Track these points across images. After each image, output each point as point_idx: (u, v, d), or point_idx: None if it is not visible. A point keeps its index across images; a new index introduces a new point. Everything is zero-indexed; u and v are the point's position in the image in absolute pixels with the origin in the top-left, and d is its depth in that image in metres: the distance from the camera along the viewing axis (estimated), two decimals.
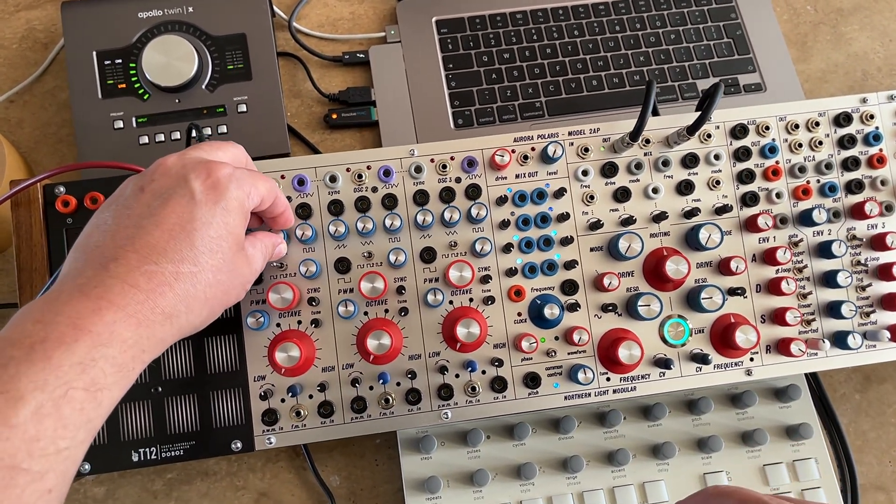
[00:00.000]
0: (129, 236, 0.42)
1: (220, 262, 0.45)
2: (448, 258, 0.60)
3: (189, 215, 0.44)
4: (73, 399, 0.36)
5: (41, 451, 0.34)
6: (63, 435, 0.35)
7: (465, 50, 0.84)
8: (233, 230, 0.46)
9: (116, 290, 0.40)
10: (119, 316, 0.39)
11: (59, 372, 0.36)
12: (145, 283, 0.41)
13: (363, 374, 0.59)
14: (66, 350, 0.36)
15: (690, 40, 0.85)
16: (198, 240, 0.44)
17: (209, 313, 0.46)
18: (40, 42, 0.83)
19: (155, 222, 0.43)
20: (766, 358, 0.61)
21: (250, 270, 0.50)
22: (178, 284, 0.43)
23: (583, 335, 0.59)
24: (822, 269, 0.62)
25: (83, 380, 0.36)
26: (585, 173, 0.61)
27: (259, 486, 0.68)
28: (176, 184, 0.45)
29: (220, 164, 0.47)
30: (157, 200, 0.44)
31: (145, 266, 0.41)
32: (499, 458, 0.65)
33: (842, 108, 0.64)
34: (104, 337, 0.38)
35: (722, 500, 0.43)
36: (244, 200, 0.47)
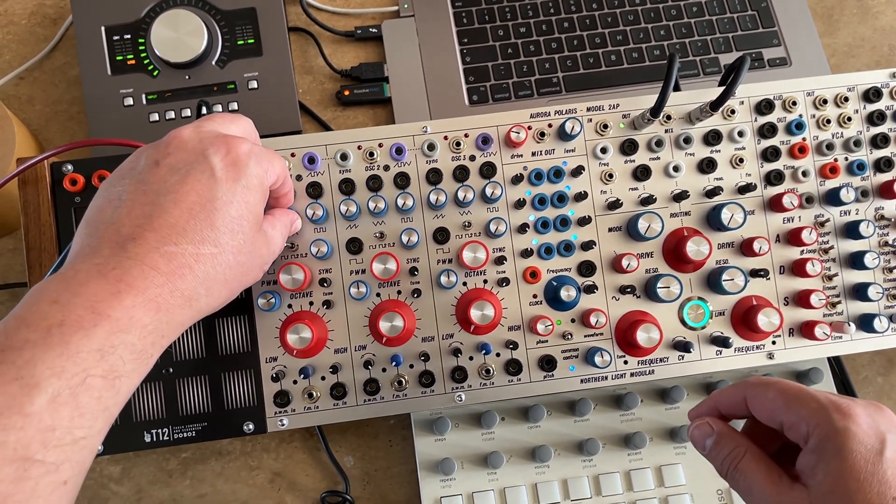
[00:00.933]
0: (147, 214, 0.41)
1: (241, 242, 0.44)
2: (462, 239, 0.59)
3: (210, 193, 0.42)
4: (90, 387, 0.35)
5: (57, 441, 0.33)
6: (80, 424, 0.34)
7: (480, 24, 0.82)
8: (253, 209, 0.45)
9: (136, 273, 0.38)
10: (139, 300, 0.38)
11: (78, 358, 0.34)
12: (165, 265, 0.40)
13: (376, 356, 0.58)
14: (84, 335, 0.35)
15: (713, 13, 0.82)
16: (218, 219, 0.42)
17: (228, 295, 0.45)
18: (49, 18, 0.82)
19: (174, 200, 0.41)
20: (788, 341, 0.60)
21: (269, 251, 0.49)
22: (199, 266, 0.41)
23: (600, 318, 0.57)
24: (849, 249, 0.60)
25: (102, 367, 0.35)
26: (604, 151, 0.60)
27: (273, 466, 0.67)
28: (195, 159, 0.43)
29: (239, 140, 0.45)
30: (174, 176, 0.42)
31: (165, 247, 0.40)
32: (513, 440, 0.65)
33: (871, 83, 0.61)
34: (123, 322, 0.37)
35: (764, 389, 0.44)
36: (263, 178, 0.46)
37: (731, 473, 0.44)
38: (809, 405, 0.41)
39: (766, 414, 0.43)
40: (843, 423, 0.39)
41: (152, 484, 0.66)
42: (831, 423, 0.39)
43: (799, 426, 0.41)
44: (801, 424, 0.41)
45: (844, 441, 0.38)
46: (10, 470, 0.31)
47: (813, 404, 0.41)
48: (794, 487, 0.41)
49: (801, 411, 0.41)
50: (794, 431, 0.41)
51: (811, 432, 0.40)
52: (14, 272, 0.72)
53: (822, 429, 0.39)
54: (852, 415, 0.39)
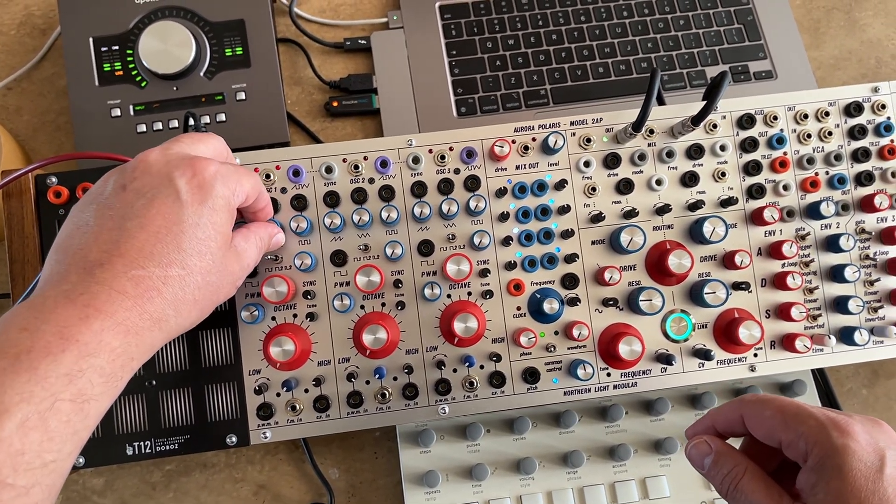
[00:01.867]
0: (114, 239, 0.41)
1: (210, 263, 0.44)
2: (446, 251, 0.59)
3: (175, 217, 0.42)
4: (59, 411, 0.35)
5: (27, 465, 0.33)
6: (49, 448, 0.34)
7: (468, 36, 0.82)
8: (220, 229, 0.45)
9: (103, 297, 0.38)
10: (107, 324, 0.38)
11: (46, 384, 0.34)
12: (132, 288, 0.40)
13: (359, 368, 0.58)
14: (52, 361, 0.35)
15: (700, 26, 0.83)
16: (185, 242, 0.42)
17: (199, 314, 0.45)
18: (38, 28, 0.82)
19: (140, 224, 0.42)
20: (770, 354, 0.60)
21: (241, 266, 0.49)
22: (167, 289, 0.41)
23: (583, 330, 0.57)
24: (830, 263, 0.61)
25: (70, 391, 0.35)
26: (587, 164, 0.60)
27: (258, 479, 0.67)
28: (160, 182, 0.43)
29: (205, 161, 0.45)
30: (140, 200, 0.43)
31: (132, 271, 0.40)
32: (498, 452, 0.65)
33: (852, 98, 0.62)
34: (92, 346, 0.37)
35: (760, 407, 0.43)
36: (230, 198, 0.46)
37: (731, 493, 0.43)
38: (807, 423, 0.40)
39: (764, 432, 0.43)
40: (841, 441, 0.39)
41: (136, 496, 0.66)
42: (830, 441, 0.39)
43: (797, 444, 0.40)
44: (799, 442, 0.40)
45: (844, 459, 0.38)
46: None
47: (811, 422, 0.40)
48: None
49: (799, 429, 0.40)
50: (793, 450, 0.41)
51: (810, 450, 0.40)
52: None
53: (821, 447, 0.39)
54: (851, 432, 0.39)
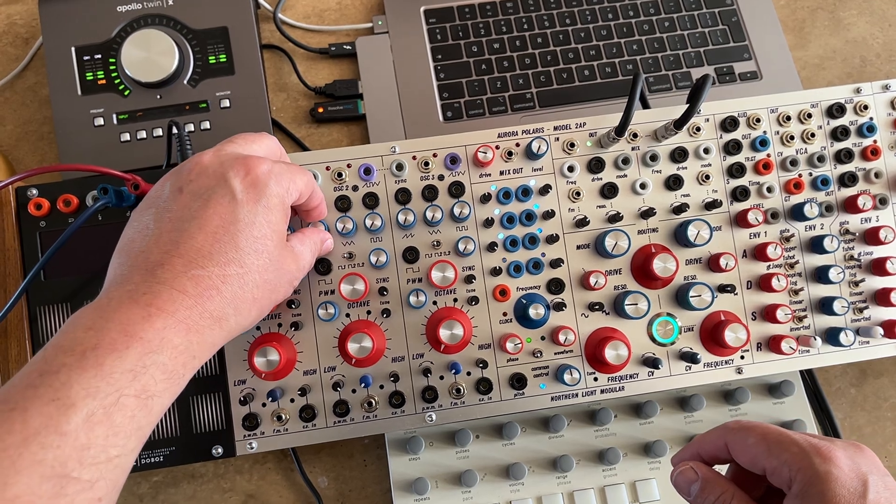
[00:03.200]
0: (173, 240, 0.42)
1: (266, 261, 0.45)
2: (431, 258, 0.59)
3: (231, 216, 0.43)
4: (124, 406, 0.36)
5: (92, 459, 0.34)
6: (114, 443, 0.35)
7: (454, 40, 0.82)
8: (275, 227, 0.46)
9: (165, 296, 0.40)
10: (169, 322, 0.39)
11: (111, 379, 0.36)
12: (193, 287, 0.41)
13: (345, 377, 0.58)
14: (117, 357, 0.36)
15: (685, 28, 0.83)
16: (242, 241, 0.43)
17: (258, 313, 0.46)
18: (21, 37, 0.82)
19: (198, 225, 0.43)
20: (756, 356, 0.60)
21: (297, 267, 0.50)
22: (226, 287, 0.42)
23: (569, 335, 0.57)
24: (814, 264, 0.61)
25: (134, 387, 0.36)
26: (571, 169, 0.60)
27: (246, 488, 0.67)
28: (216, 183, 0.44)
29: (258, 160, 0.46)
30: (197, 202, 0.44)
31: (192, 271, 0.41)
32: (488, 458, 0.65)
33: (835, 99, 0.62)
34: (155, 343, 0.38)
35: (744, 434, 0.44)
36: (284, 196, 0.47)
37: None
38: (790, 450, 0.41)
39: (748, 460, 0.43)
40: (824, 468, 0.39)
41: None
42: (813, 468, 0.39)
43: (781, 471, 0.41)
44: (783, 469, 0.41)
45: (827, 485, 0.38)
46: (48, 486, 0.32)
47: (794, 448, 0.41)
48: None
49: (782, 456, 0.41)
50: (777, 477, 0.41)
51: (794, 477, 0.40)
52: None
53: (804, 473, 0.39)
54: (833, 458, 0.39)
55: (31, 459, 0.32)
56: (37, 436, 0.33)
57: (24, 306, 0.56)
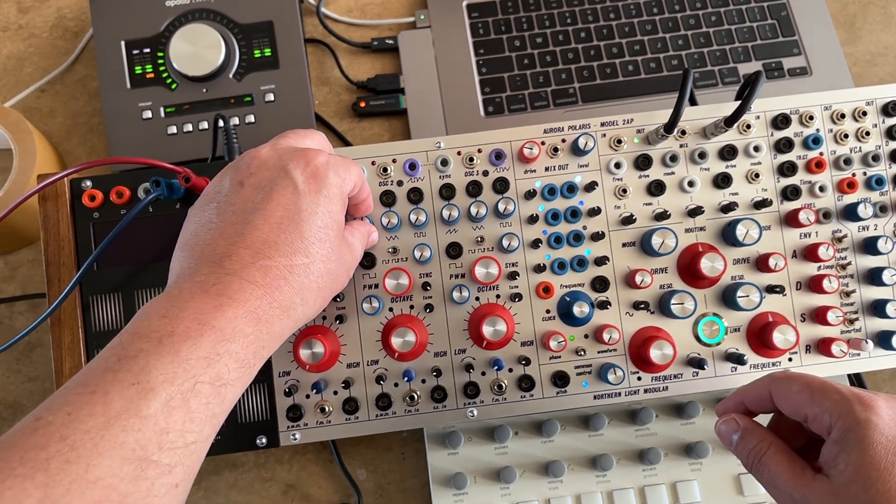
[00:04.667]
0: (239, 233, 0.43)
1: (329, 250, 0.45)
2: (474, 254, 0.59)
3: (295, 206, 0.44)
4: (199, 393, 0.36)
5: (171, 443, 0.34)
6: (191, 428, 0.36)
7: (496, 35, 0.82)
8: (336, 217, 0.46)
9: (235, 287, 0.40)
10: (240, 312, 0.40)
11: (187, 365, 0.36)
12: (261, 278, 0.41)
13: (388, 370, 0.58)
14: (192, 344, 0.37)
15: (732, 22, 0.81)
16: (306, 230, 0.44)
17: (322, 303, 0.47)
18: (71, 30, 0.83)
19: (263, 216, 0.43)
20: (805, 358, 0.59)
21: (352, 257, 0.50)
22: (293, 277, 0.43)
23: (613, 334, 0.57)
24: (867, 266, 0.59)
25: (209, 374, 0.37)
26: (618, 166, 0.59)
27: (286, 478, 0.68)
28: (277, 175, 0.45)
29: (316, 152, 0.47)
30: (259, 194, 0.44)
31: (260, 261, 0.42)
32: (527, 454, 0.65)
33: (891, 97, 0.60)
34: (227, 332, 0.38)
35: (788, 383, 0.45)
36: (342, 186, 0.47)
37: (755, 466, 0.45)
38: (832, 397, 0.42)
39: (791, 407, 0.44)
40: (864, 415, 0.40)
41: None
42: (853, 414, 0.40)
43: (822, 418, 0.42)
44: (824, 416, 0.42)
45: (866, 432, 0.39)
46: (130, 469, 0.33)
47: (836, 396, 0.42)
48: (817, 478, 0.42)
49: (824, 403, 0.42)
50: (818, 423, 0.42)
51: (834, 424, 0.41)
52: (34, 283, 0.74)
53: (844, 420, 0.40)
54: (874, 406, 0.40)
55: (112, 442, 0.32)
56: (118, 418, 0.33)
57: (78, 295, 0.57)
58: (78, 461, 0.31)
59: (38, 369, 0.71)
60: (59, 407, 0.33)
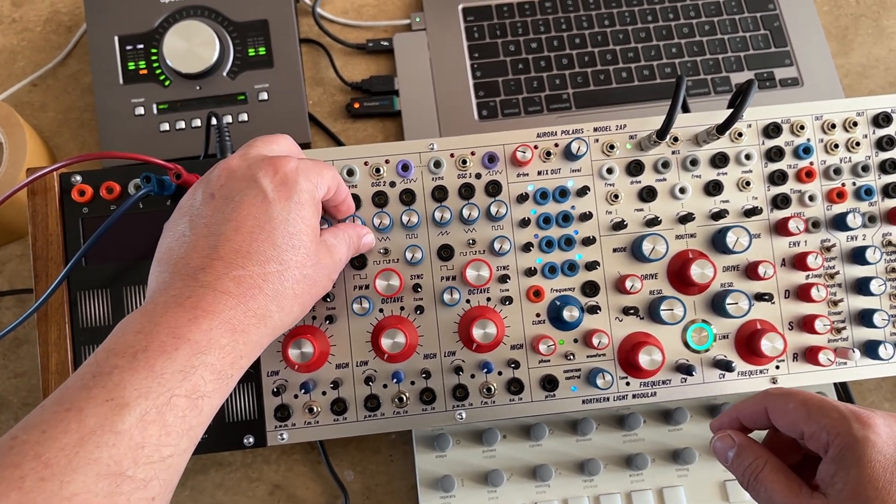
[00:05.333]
0: (211, 245, 0.43)
1: (304, 256, 0.45)
2: (466, 256, 0.59)
3: (265, 215, 0.44)
4: (175, 406, 0.36)
5: (146, 458, 0.35)
6: (167, 442, 0.36)
7: (491, 39, 0.82)
8: (308, 223, 0.46)
9: (209, 299, 0.40)
10: (215, 323, 0.40)
11: (162, 379, 0.36)
12: (235, 288, 0.41)
13: (377, 372, 0.58)
14: (167, 358, 0.37)
15: (725, 32, 0.82)
16: (278, 238, 0.44)
17: (300, 309, 0.47)
18: (64, 25, 0.83)
19: (234, 227, 0.43)
20: (792, 366, 0.59)
21: (333, 260, 0.50)
22: (267, 285, 0.43)
23: (603, 338, 0.57)
24: (855, 275, 0.60)
25: (185, 387, 0.37)
26: (610, 171, 0.59)
27: (273, 479, 0.68)
28: (246, 185, 0.45)
29: (286, 158, 0.47)
30: (229, 204, 0.44)
31: (233, 272, 0.42)
32: (514, 458, 0.65)
33: (881, 108, 0.61)
34: (202, 344, 0.39)
35: (784, 399, 0.45)
36: (314, 191, 0.47)
37: (751, 484, 0.45)
38: (830, 415, 0.41)
39: (787, 424, 0.44)
40: (862, 433, 0.40)
41: None
42: (851, 433, 0.40)
43: (819, 436, 0.41)
44: (821, 434, 0.41)
45: (864, 450, 0.39)
46: (104, 485, 0.33)
47: (834, 414, 0.41)
48: (814, 497, 0.41)
49: (821, 421, 0.41)
50: (815, 441, 0.42)
51: (831, 441, 0.41)
52: (21, 278, 0.73)
53: (842, 438, 0.40)
54: (872, 424, 0.40)
55: (87, 458, 0.33)
56: (92, 435, 0.33)
57: (65, 291, 0.57)
58: (52, 478, 0.32)
59: (25, 365, 0.71)
60: (34, 426, 0.34)
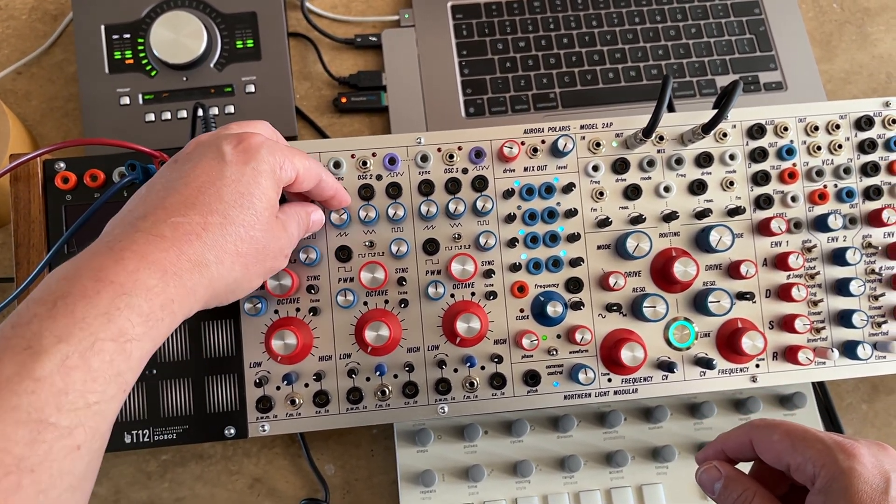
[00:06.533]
0: (160, 197, 0.43)
1: (252, 218, 0.45)
2: (451, 251, 0.59)
3: (218, 173, 0.45)
4: (101, 351, 0.35)
5: (70, 404, 0.34)
6: (92, 388, 0.35)
7: (479, 37, 0.82)
8: (265, 192, 0.46)
9: (140, 241, 0.40)
10: (142, 265, 0.39)
11: (83, 324, 0.35)
12: (171, 232, 0.41)
13: (360, 364, 0.58)
14: (88, 303, 0.36)
15: (711, 35, 0.83)
16: (226, 194, 0.44)
17: (242, 270, 0.46)
18: (50, 14, 0.82)
19: (185, 182, 0.44)
20: (772, 365, 0.60)
21: (286, 235, 0.50)
22: (206, 234, 0.43)
23: (585, 334, 0.57)
24: (835, 276, 0.61)
25: (110, 330, 0.36)
26: (596, 169, 0.60)
27: (253, 472, 0.67)
28: (207, 149, 0.46)
29: (254, 134, 0.47)
30: (188, 164, 0.45)
31: (172, 218, 0.42)
32: (495, 454, 0.65)
33: (863, 111, 0.62)
34: (127, 286, 0.38)
35: (769, 431, 0.44)
36: (276, 168, 0.47)
37: None
38: (815, 446, 0.41)
39: (773, 456, 0.43)
40: (848, 464, 0.39)
41: (131, 485, 0.66)
42: (837, 464, 0.40)
43: (805, 467, 0.41)
44: (807, 465, 0.41)
45: (850, 480, 0.39)
46: (25, 432, 0.32)
47: (818, 445, 0.41)
48: None
49: (806, 452, 0.41)
50: (801, 473, 0.42)
51: (817, 473, 0.40)
52: (2, 267, 0.72)
53: (828, 469, 0.40)
54: (857, 455, 0.40)
55: (4, 405, 0.32)
56: (9, 382, 0.33)
57: None
58: None
59: None
60: None
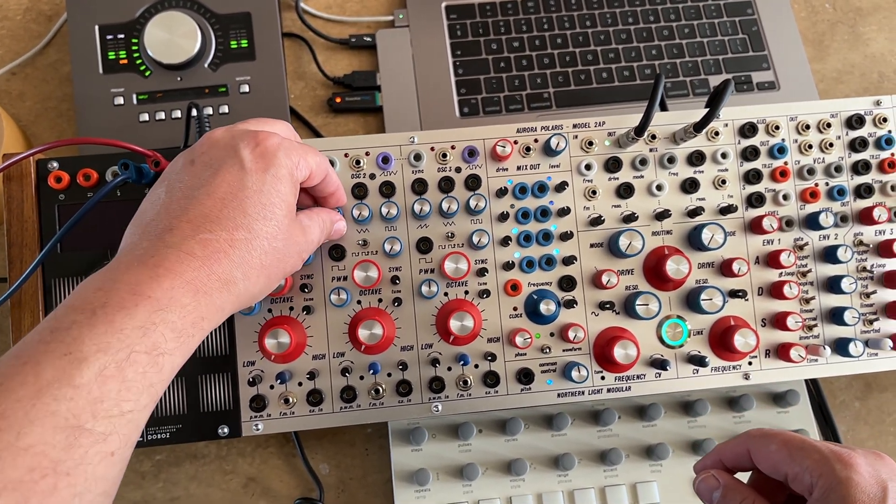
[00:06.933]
0: (182, 207, 0.43)
1: (274, 229, 0.45)
2: (444, 249, 0.59)
3: (239, 183, 0.44)
4: (135, 362, 0.36)
5: (105, 412, 0.35)
6: (127, 397, 0.36)
7: (473, 37, 0.82)
8: (284, 198, 0.46)
9: (173, 258, 0.40)
10: (177, 283, 0.40)
11: (122, 335, 0.36)
12: (200, 250, 0.41)
13: (354, 363, 0.58)
14: (126, 314, 0.37)
15: (704, 35, 0.83)
16: (249, 207, 0.44)
17: (266, 281, 0.46)
18: (44, 14, 0.82)
19: (206, 192, 0.44)
20: (765, 362, 0.60)
21: (306, 240, 0.50)
22: (233, 251, 0.43)
23: (578, 332, 0.57)
24: (827, 274, 0.61)
25: (145, 343, 0.37)
26: (588, 167, 0.60)
27: (248, 471, 0.67)
28: (226, 154, 0.45)
29: (269, 134, 0.47)
30: (207, 171, 0.45)
31: (200, 235, 0.42)
32: (490, 452, 0.65)
33: (854, 110, 0.62)
34: (163, 302, 0.38)
35: (766, 441, 0.44)
36: (293, 169, 0.47)
37: None
38: (812, 456, 0.41)
39: (770, 466, 0.44)
40: (845, 473, 0.40)
41: (124, 485, 0.66)
42: (834, 474, 0.40)
43: (803, 477, 0.41)
44: (804, 476, 0.41)
45: (848, 490, 0.39)
46: (62, 437, 0.33)
47: (815, 455, 0.41)
48: None
49: (804, 462, 0.41)
50: (799, 483, 0.42)
51: (815, 483, 0.41)
52: None
53: (825, 479, 0.40)
54: (854, 464, 0.40)
55: (44, 410, 0.33)
56: (49, 387, 0.33)
57: (39, 278, 0.56)
58: (9, 430, 0.32)
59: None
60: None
